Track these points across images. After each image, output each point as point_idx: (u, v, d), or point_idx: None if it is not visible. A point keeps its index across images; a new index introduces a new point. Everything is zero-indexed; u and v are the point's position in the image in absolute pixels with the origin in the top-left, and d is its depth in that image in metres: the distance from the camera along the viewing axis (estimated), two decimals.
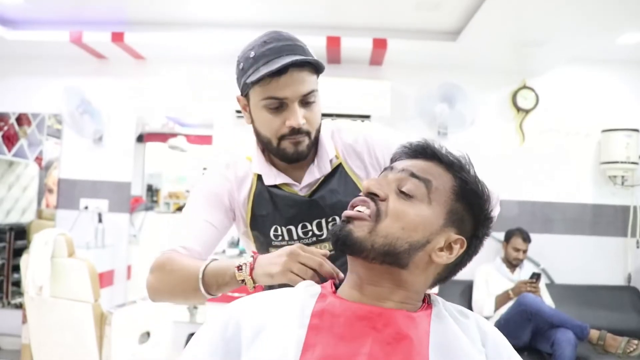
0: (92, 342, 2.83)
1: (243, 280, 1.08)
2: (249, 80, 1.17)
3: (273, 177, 1.31)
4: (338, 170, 1.34)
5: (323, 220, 1.31)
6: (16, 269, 4.02)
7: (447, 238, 0.88)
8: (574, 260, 4.02)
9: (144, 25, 3.80)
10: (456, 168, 0.92)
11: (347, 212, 0.88)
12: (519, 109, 4.07)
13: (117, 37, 3.72)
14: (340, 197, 1.30)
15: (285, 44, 1.17)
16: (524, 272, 3.68)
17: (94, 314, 2.83)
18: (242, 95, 1.28)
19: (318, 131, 1.29)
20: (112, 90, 4.16)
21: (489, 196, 0.93)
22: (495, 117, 4.11)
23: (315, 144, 1.29)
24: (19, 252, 3.99)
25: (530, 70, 4.05)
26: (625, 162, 3.82)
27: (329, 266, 1.00)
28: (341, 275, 0.98)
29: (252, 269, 1.08)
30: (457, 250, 0.89)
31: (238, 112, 3.91)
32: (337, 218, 1.29)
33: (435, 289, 3.40)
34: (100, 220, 4.03)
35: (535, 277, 3.43)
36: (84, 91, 4.04)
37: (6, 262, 4.25)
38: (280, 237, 1.33)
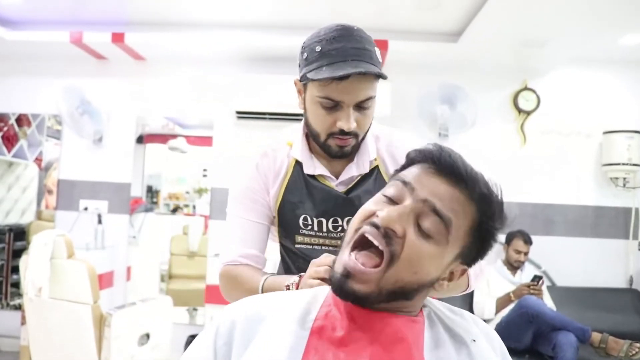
0: (91, 343, 2.81)
1: None
2: (309, 76, 1.18)
3: (313, 167, 1.33)
4: (375, 172, 1.35)
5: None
6: (15, 270, 4.01)
7: (451, 270, 0.86)
8: (575, 263, 4.01)
9: (145, 26, 3.79)
10: (485, 202, 0.84)
11: (350, 267, 0.80)
12: (520, 110, 4.06)
13: (118, 38, 3.71)
14: None
15: (353, 47, 1.16)
16: (525, 275, 3.66)
17: (93, 316, 2.81)
18: (300, 80, 1.29)
19: (366, 133, 1.29)
20: (112, 91, 4.15)
21: (506, 220, 0.87)
22: (496, 118, 4.10)
23: (360, 143, 1.30)
24: (18, 253, 3.99)
25: (532, 71, 4.04)
26: (626, 164, 3.81)
27: None
28: None
29: (297, 287, 1.10)
30: (458, 276, 0.88)
31: (238, 113, 3.90)
32: None
33: None
34: (99, 222, 4.02)
35: (537, 279, 3.42)
36: (84, 92, 4.03)
37: (5, 263, 4.24)
38: (309, 227, 1.35)
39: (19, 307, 4.07)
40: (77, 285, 2.84)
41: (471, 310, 3.56)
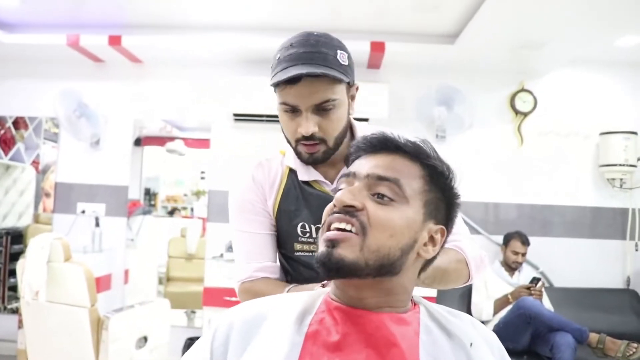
0: (88, 347, 2.81)
1: None
2: (270, 82, 1.20)
3: (307, 173, 1.32)
4: None
5: None
6: (12, 273, 4.00)
7: (428, 231, 0.87)
8: (573, 263, 4.01)
9: (142, 29, 3.79)
10: (422, 156, 0.88)
11: (330, 235, 0.82)
12: (517, 112, 4.06)
13: (115, 41, 3.71)
14: None
15: (305, 51, 1.16)
16: (523, 276, 3.67)
17: (91, 319, 2.81)
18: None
19: (339, 137, 1.26)
20: (110, 93, 4.15)
21: (454, 174, 0.90)
22: (493, 119, 4.10)
23: (336, 149, 1.27)
24: (15, 257, 3.98)
25: (529, 72, 4.05)
26: (623, 165, 3.82)
27: None
28: None
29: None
30: (440, 240, 0.89)
31: (236, 115, 3.90)
32: None
33: (434, 292, 3.36)
34: (97, 224, 4.02)
35: (536, 281, 3.42)
36: (81, 94, 4.02)
37: (2, 267, 4.23)
38: (307, 234, 1.33)
39: (16, 311, 4.06)
40: (74, 288, 2.84)
41: (469, 311, 3.57)
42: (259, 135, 3.95)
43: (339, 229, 0.82)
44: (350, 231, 0.81)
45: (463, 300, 3.75)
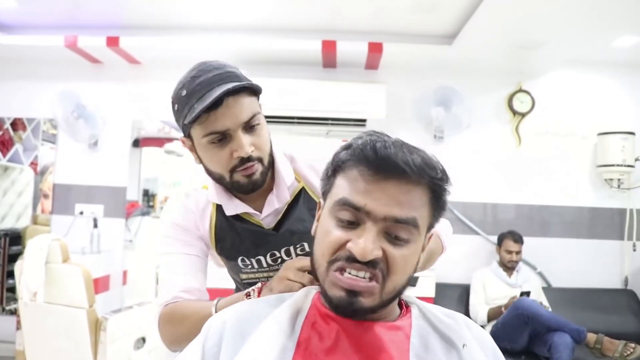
0: (87, 348, 2.81)
1: None
2: (187, 121, 1.11)
3: (233, 207, 1.25)
4: (301, 195, 1.28)
5: (291, 248, 1.28)
6: (11, 274, 3.99)
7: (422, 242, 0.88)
8: (570, 264, 4.02)
9: (139, 30, 3.79)
10: (433, 177, 0.82)
11: (351, 284, 0.79)
12: (515, 112, 4.07)
13: (112, 42, 3.71)
14: (307, 224, 1.24)
15: (215, 75, 1.11)
16: (521, 276, 3.67)
17: (89, 320, 2.81)
18: (185, 136, 1.20)
19: (271, 155, 1.22)
20: (108, 94, 4.15)
21: (451, 182, 0.87)
22: (491, 120, 4.11)
23: (269, 169, 1.22)
24: (14, 258, 3.97)
25: (526, 73, 4.05)
26: (621, 165, 3.82)
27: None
28: None
29: (260, 292, 1.07)
30: (427, 243, 0.90)
31: None
32: (306, 245, 1.27)
33: (432, 292, 3.35)
34: (95, 226, 4.01)
35: (525, 295, 3.41)
36: (79, 96, 4.02)
37: (1, 268, 4.22)
38: (249, 266, 1.30)
39: (14, 312, 4.05)
40: (72, 289, 2.84)
41: (467, 313, 3.57)
42: None
43: (359, 278, 0.79)
44: (371, 279, 0.80)
45: (461, 300, 3.76)
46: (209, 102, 1.06)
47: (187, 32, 3.77)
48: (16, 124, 4.20)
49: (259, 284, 1.09)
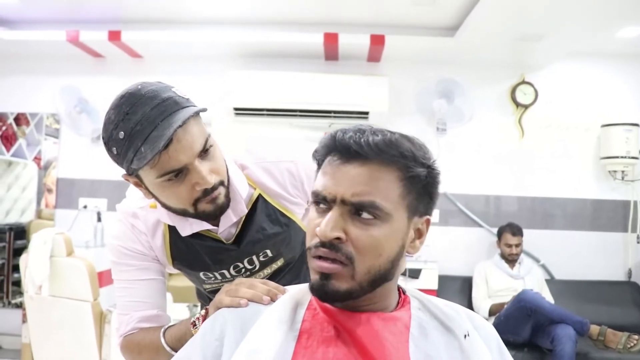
0: (91, 340, 2.83)
1: None
2: (134, 166, 1.00)
3: (188, 226, 1.15)
4: (259, 202, 1.22)
5: (254, 257, 1.24)
6: (16, 268, 4.01)
7: (414, 226, 0.85)
8: (574, 256, 4.01)
9: (141, 24, 3.79)
10: (397, 158, 0.80)
11: (321, 267, 0.79)
12: (518, 104, 4.06)
13: (114, 36, 3.71)
14: (267, 232, 1.22)
15: (152, 108, 0.98)
16: (524, 268, 3.67)
17: (94, 313, 2.83)
18: (128, 174, 1.09)
19: (228, 174, 1.14)
20: (110, 89, 4.10)
21: (428, 154, 0.84)
22: (494, 112, 4.10)
23: (229, 186, 1.14)
24: (19, 252, 3.99)
25: (529, 65, 4.03)
26: (625, 157, 3.81)
27: (270, 289, 0.94)
28: (282, 289, 0.95)
29: (204, 319, 1.02)
30: (425, 229, 0.88)
31: (236, 110, 3.89)
32: (268, 251, 1.25)
33: (435, 284, 3.36)
34: (99, 219, 4.03)
35: None
36: (82, 90, 4.03)
37: (6, 262, 4.24)
38: (212, 278, 1.27)
39: (20, 305, 4.08)
40: (76, 282, 2.85)
41: (470, 305, 3.58)
42: (260, 129, 3.95)
43: (327, 258, 0.80)
44: (339, 262, 0.79)
45: (463, 293, 3.77)
46: (161, 144, 0.95)
47: (188, 25, 3.77)
48: (19, 119, 4.21)
49: (203, 311, 1.05)
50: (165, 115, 0.98)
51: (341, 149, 0.81)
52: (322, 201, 0.82)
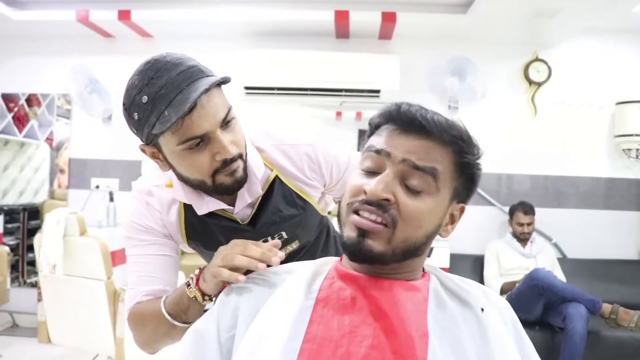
0: (105, 318, 2.87)
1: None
2: (156, 131, 0.99)
3: (205, 205, 1.16)
4: (275, 184, 1.23)
5: (269, 238, 1.23)
6: (31, 248, 4.07)
7: (451, 210, 0.88)
8: (586, 235, 3.99)
9: (151, 3, 3.76)
10: (456, 141, 0.85)
11: (361, 223, 0.81)
12: (531, 82, 4.00)
13: (124, 15, 3.69)
14: (283, 214, 1.23)
15: (178, 73, 0.99)
16: (536, 246, 3.66)
17: (107, 291, 2.86)
18: (146, 144, 1.08)
19: (246, 148, 1.14)
20: (120, 68, 4.11)
21: (478, 145, 0.89)
22: (506, 90, 4.05)
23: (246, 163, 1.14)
24: (32, 232, 4.04)
25: (543, 42, 3.96)
26: (639, 135, 3.75)
27: (264, 252, 0.96)
28: (276, 250, 0.97)
29: (197, 280, 1.03)
30: (458, 216, 0.90)
31: (247, 88, 3.87)
32: (284, 233, 1.25)
33: (447, 262, 3.36)
34: (111, 199, 4.06)
35: None
36: (92, 70, 4.03)
37: (21, 242, 4.30)
38: None
39: (35, 285, 4.14)
40: (90, 261, 2.89)
41: (482, 283, 3.58)
42: (271, 108, 3.94)
43: (369, 219, 0.81)
44: (381, 223, 0.80)
45: (475, 271, 3.77)
46: (186, 107, 0.95)
47: (198, 4, 3.73)
48: (31, 100, 4.23)
49: (197, 271, 1.05)
50: (190, 81, 0.99)
51: (405, 119, 0.84)
52: (374, 155, 0.84)
